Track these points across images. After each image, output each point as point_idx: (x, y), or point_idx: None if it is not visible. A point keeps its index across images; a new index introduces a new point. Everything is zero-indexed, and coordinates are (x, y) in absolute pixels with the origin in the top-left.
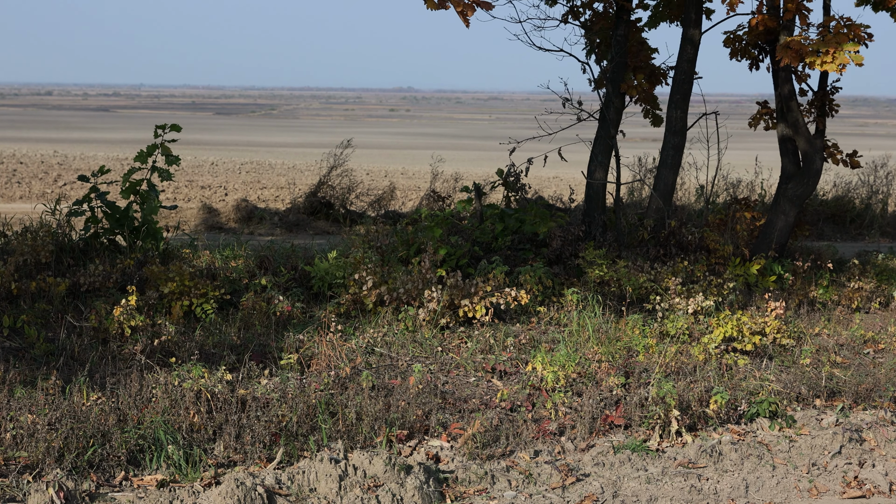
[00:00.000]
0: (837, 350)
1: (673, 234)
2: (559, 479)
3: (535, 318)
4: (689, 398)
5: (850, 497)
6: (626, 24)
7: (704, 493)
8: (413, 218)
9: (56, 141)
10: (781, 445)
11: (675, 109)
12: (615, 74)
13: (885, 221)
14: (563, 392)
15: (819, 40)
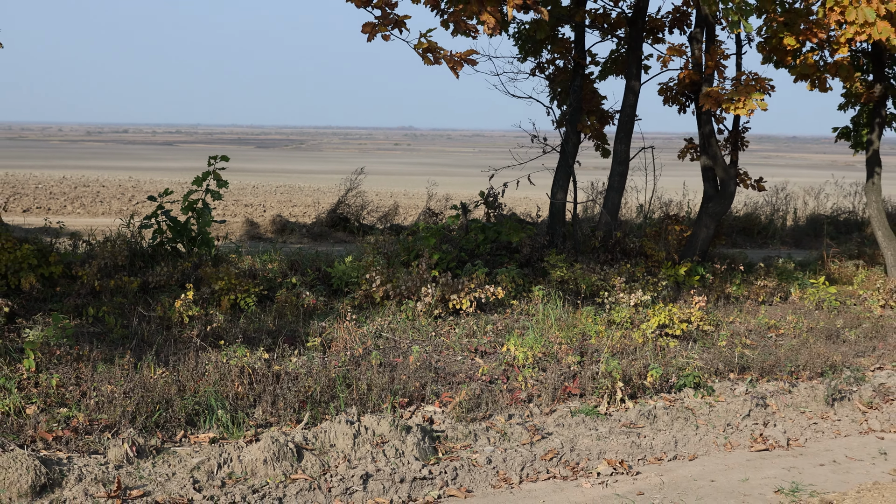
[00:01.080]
0: (747, 334)
1: (618, 242)
2: (528, 437)
3: (510, 310)
4: (630, 373)
5: (756, 450)
6: (582, 77)
7: (642, 448)
8: (412, 230)
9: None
10: (703, 410)
11: (620, 144)
12: (573, 116)
13: (784, 233)
14: (532, 368)
15: (733, 90)
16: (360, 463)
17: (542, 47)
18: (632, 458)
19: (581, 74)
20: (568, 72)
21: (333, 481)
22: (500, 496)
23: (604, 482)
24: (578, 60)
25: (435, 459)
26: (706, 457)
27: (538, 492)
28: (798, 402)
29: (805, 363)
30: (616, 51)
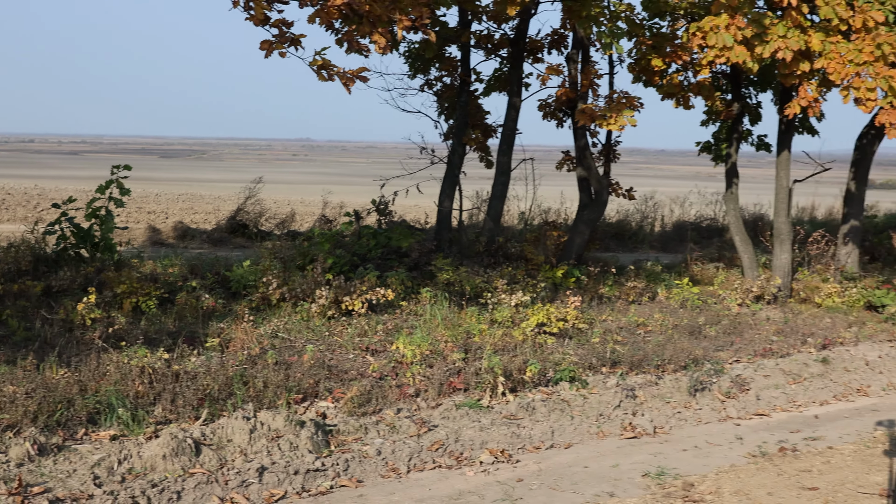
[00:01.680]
0: (618, 331)
1: (501, 247)
2: (416, 429)
3: (399, 311)
4: (511, 368)
5: (626, 438)
6: (467, 93)
7: (522, 438)
8: (308, 236)
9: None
10: (578, 402)
11: (503, 156)
12: (459, 130)
13: (653, 238)
14: (419, 365)
15: (606, 107)
16: (257, 457)
17: (430, 65)
18: (512, 447)
19: (467, 91)
20: (455, 88)
21: (230, 474)
22: (390, 485)
23: (486, 470)
24: (464, 78)
25: (328, 452)
26: (580, 445)
27: (425, 480)
28: (664, 393)
29: (670, 357)
30: (499, 69)
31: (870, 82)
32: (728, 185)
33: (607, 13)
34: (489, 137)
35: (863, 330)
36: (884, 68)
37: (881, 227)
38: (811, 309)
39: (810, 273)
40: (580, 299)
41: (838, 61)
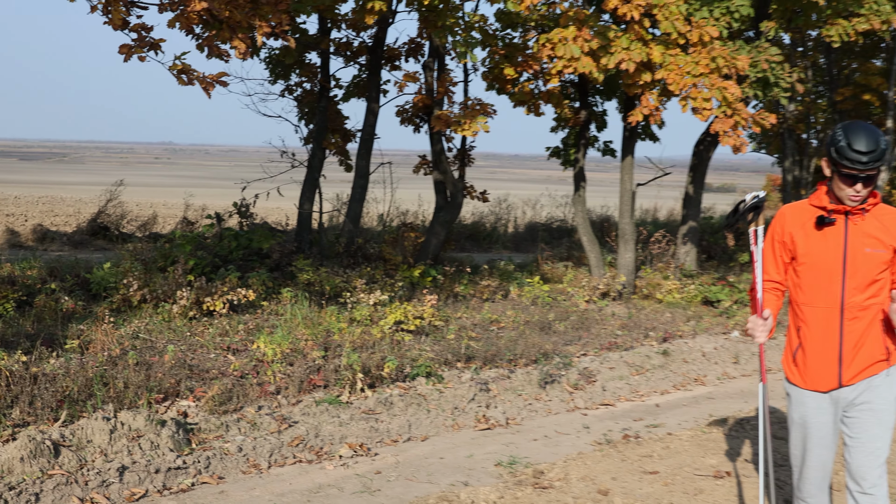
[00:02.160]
0: (473, 328)
1: (360, 248)
2: (276, 426)
3: (260, 310)
4: (370, 364)
5: (479, 429)
6: (327, 99)
7: (380, 432)
8: (170, 237)
9: None
10: (434, 396)
11: (362, 160)
12: (319, 135)
13: (506, 238)
14: (280, 363)
15: (460, 114)
16: (117, 456)
17: (290, 71)
18: (371, 441)
19: (326, 97)
20: (315, 94)
21: (90, 475)
22: (251, 481)
23: (345, 464)
24: (324, 84)
25: (189, 450)
26: (437, 437)
27: (286, 475)
28: (516, 386)
29: (522, 352)
30: (358, 76)
31: (705, 93)
32: (576, 189)
33: (462, 24)
34: (348, 142)
35: (700, 323)
36: (718, 80)
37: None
38: (653, 304)
39: (652, 271)
40: (436, 298)
41: (677, 73)
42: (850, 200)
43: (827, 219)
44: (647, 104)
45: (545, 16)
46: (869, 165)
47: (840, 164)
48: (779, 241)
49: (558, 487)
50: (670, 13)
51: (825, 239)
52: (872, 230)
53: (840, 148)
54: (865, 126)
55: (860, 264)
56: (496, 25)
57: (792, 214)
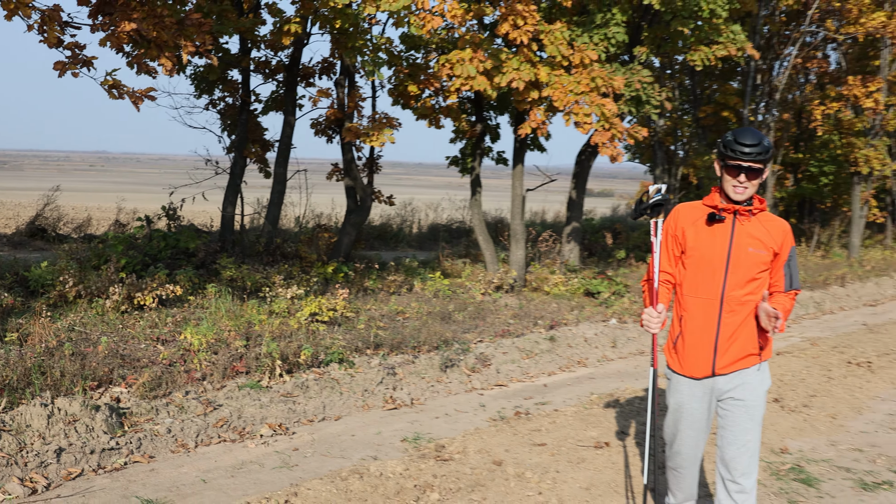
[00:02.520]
0: (381, 319)
1: (278, 247)
2: (202, 409)
3: (187, 304)
4: (287, 352)
5: (387, 409)
6: (247, 112)
7: (297, 412)
8: (103, 238)
9: None
10: (346, 380)
11: (279, 167)
12: (240, 144)
13: (411, 238)
14: (205, 352)
15: (369, 126)
16: (55, 439)
17: (214, 87)
18: (289, 421)
19: (247, 110)
20: (236, 107)
21: (29, 456)
22: (179, 459)
23: (266, 442)
24: (245, 99)
25: (121, 432)
26: (349, 417)
27: (211, 453)
28: (420, 370)
29: (425, 339)
30: (276, 91)
31: (586, 109)
32: (473, 194)
33: (370, 45)
34: (267, 151)
35: (582, 312)
36: (597, 98)
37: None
38: (541, 296)
39: (541, 266)
40: (348, 291)
41: (561, 91)
42: (735, 192)
43: (717, 216)
44: (535, 118)
45: (445, 39)
46: (752, 157)
47: (726, 156)
48: (671, 235)
49: (458, 459)
50: (555, 38)
51: (713, 235)
52: (757, 232)
53: (727, 142)
54: (752, 129)
55: (742, 262)
56: (401, 47)
57: (685, 211)
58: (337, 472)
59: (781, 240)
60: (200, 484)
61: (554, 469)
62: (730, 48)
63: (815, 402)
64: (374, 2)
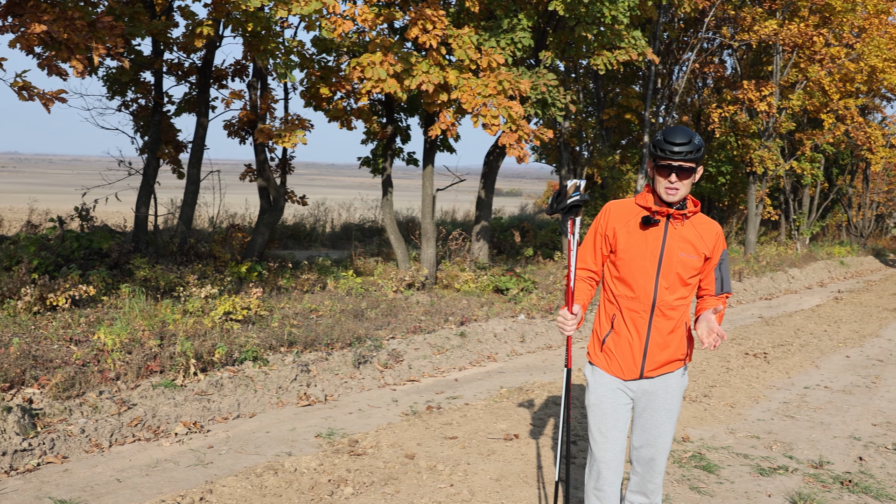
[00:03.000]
0: (294, 317)
1: (192, 247)
2: (116, 409)
3: (101, 305)
4: (202, 351)
5: (301, 406)
6: (160, 114)
7: (212, 411)
8: (14, 240)
9: None
10: (260, 377)
11: (193, 168)
12: (153, 145)
13: (324, 237)
14: (119, 352)
15: (281, 128)
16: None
17: (127, 88)
18: (203, 419)
19: (160, 112)
20: (149, 109)
21: None
22: (93, 459)
23: (181, 440)
24: (158, 100)
25: (34, 433)
26: (263, 414)
27: (126, 452)
28: (333, 366)
29: (338, 336)
30: (189, 93)
31: (494, 111)
32: (384, 193)
33: (282, 48)
34: (181, 152)
35: (492, 309)
36: (504, 100)
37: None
38: (452, 293)
39: (451, 264)
40: (262, 290)
41: (470, 94)
42: (668, 194)
43: (652, 219)
44: (445, 120)
45: (356, 43)
46: (682, 156)
47: (656, 155)
48: (601, 234)
49: (371, 454)
50: (463, 42)
51: (646, 238)
52: (690, 236)
53: (657, 141)
54: (682, 127)
55: (673, 266)
56: (313, 50)
57: (616, 211)
58: (252, 468)
59: (713, 243)
60: (115, 483)
61: (465, 461)
62: (631, 53)
63: (714, 392)
64: (286, 5)
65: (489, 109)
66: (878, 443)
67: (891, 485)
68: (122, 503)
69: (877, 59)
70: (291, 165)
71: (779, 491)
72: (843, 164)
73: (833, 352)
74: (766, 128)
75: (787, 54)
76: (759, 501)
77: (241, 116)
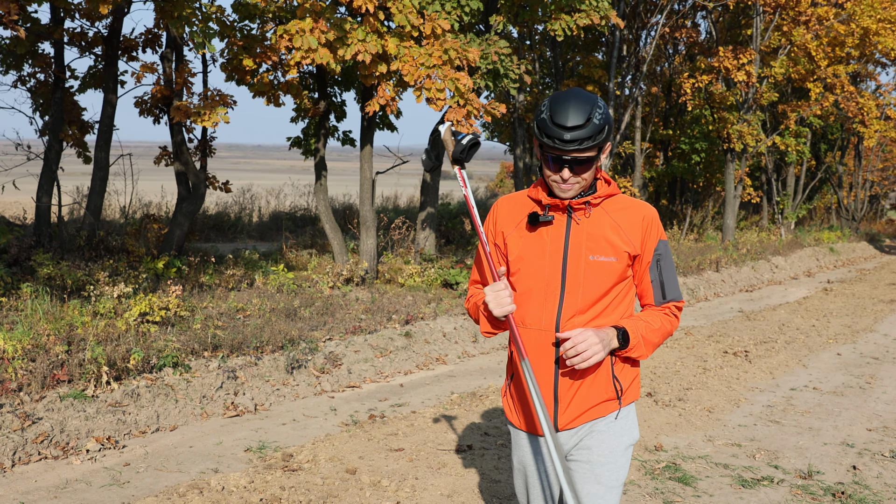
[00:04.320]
0: (219, 317)
1: (102, 241)
2: (19, 423)
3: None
4: (115, 357)
5: (228, 416)
6: (62, 90)
7: (128, 424)
8: None
9: None
10: (182, 385)
11: (100, 151)
12: (55, 126)
13: (251, 228)
14: (21, 359)
15: (200, 105)
16: None
17: (23, 62)
18: (118, 433)
19: (62, 88)
20: (49, 85)
21: None
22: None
23: (93, 458)
24: (59, 75)
25: None
26: (185, 426)
27: (31, 473)
28: (263, 372)
29: (269, 339)
30: (94, 66)
31: (439, 83)
32: (318, 178)
33: (199, 14)
34: (87, 133)
35: (440, 305)
36: (451, 71)
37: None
38: (395, 288)
39: (394, 256)
40: (181, 288)
41: (412, 64)
42: (561, 191)
43: (542, 216)
44: (384, 94)
45: (282, 7)
46: (574, 146)
47: (542, 142)
48: (493, 242)
49: (307, 469)
50: (404, 6)
51: (541, 242)
52: (603, 230)
53: (541, 122)
54: (578, 95)
55: (582, 276)
56: (234, 17)
57: (506, 209)
58: (174, 487)
59: (642, 234)
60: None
61: (413, 476)
62: (593, 16)
63: (690, 395)
64: None
65: (434, 82)
66: (874, 450)
67: (888, 496)
68: None
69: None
70: (213, 147)
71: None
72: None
73: (822, 349)
74: (745, 99)
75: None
76: None
77: (154, 92)
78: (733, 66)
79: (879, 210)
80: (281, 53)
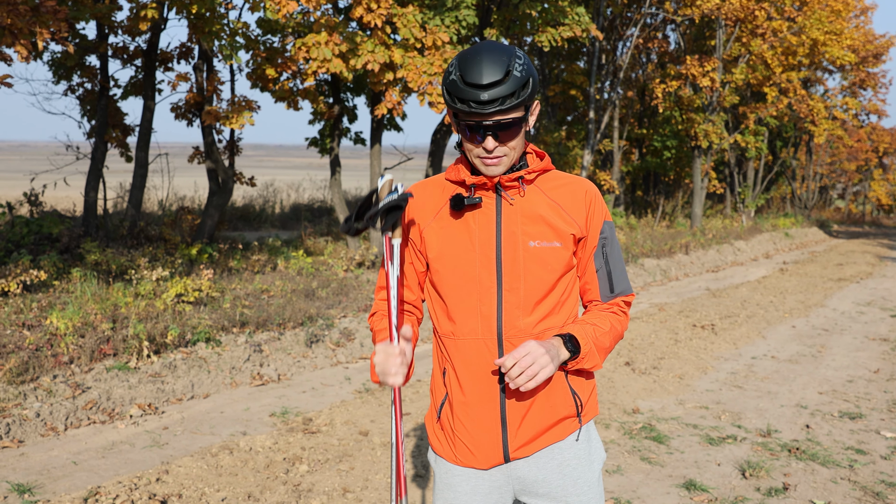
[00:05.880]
0: (246, 297)
1: (142, 230)
2: (71, 392)
3: (52, 289)
4: (154, 333)
5: (255, 385)
6: (107, 98)
7: (166, 392)
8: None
9: None
10: (213, 358)
11: (140, 151)
12: (101, 129)
13: (274, 218)
14: (72, 336)
15: (228, 109)
16: None
17: (72, 73)
18: (158, 401)
19: (106, 95)
20: (95, 93)
21: None
22: (49, 442)
23: (136, 422)
24: (104, 84)
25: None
26: (217, 394)
27: (81, 435)
28: (286, 346)
29: (290, 316)
30: (135, 76)
31: (439, 89)
32: (333, 173)
33: (227, 30)
34: (128, 135)
35: None
36: None
37: None
38: None
39: None
40: (212, 272)
41: (415, 72)
42: (486, 166)
43: (467, 198)
44: (391, 99)
45: (301, 23)
46: (494, 106)
47: (456, 109)
48: (406, 237)
49: (325, 431)
50: (408, 21)
51: (468, 231)
52: (540, 209)
53: (451, 84)
54: (490, 46)
55: (523, 268)
56: (258, 31)
57: (421, 198)
58: (207, 448)
59: (585, 212)
60: (71, 466)
61: (419, 437)
62: (575, 29)
63: (663, 363)
64: None
65: (435, 88)
66: (825, 410)
67: (837, 451)
68: (79, 485)
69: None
70: (239, 147)
71: (728, 459)
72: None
73: (779, 322)
74: (710, 102)
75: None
76: (708, 470)
77: (187, 99)
78: (699, 73)
79: (828, 199)
80: (299, 63)
